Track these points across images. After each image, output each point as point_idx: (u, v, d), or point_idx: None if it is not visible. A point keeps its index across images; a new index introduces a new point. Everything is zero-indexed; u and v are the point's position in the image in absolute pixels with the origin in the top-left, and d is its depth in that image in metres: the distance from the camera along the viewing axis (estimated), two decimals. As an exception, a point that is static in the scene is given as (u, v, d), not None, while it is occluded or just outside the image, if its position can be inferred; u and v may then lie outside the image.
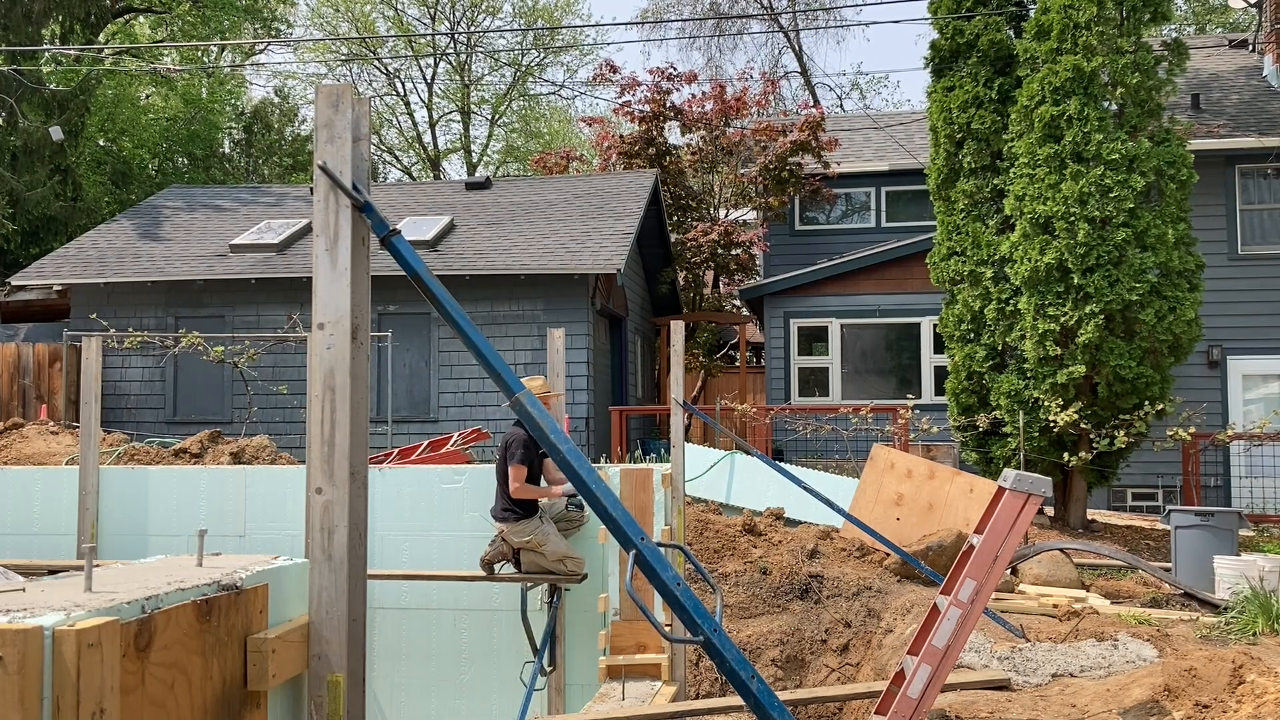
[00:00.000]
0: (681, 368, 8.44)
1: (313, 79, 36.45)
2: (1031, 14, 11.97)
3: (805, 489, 9.36)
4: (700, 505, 10.86)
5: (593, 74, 22.33)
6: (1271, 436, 12.40)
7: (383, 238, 2.88)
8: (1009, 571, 8.60)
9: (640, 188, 18.08)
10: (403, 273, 3.08)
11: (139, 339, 14.53)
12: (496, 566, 7.11)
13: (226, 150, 33.66)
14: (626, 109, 20.94)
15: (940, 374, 15.19)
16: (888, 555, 9.24)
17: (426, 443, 11.72)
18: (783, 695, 6.13)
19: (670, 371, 8.58)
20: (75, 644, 2.11)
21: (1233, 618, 6.92)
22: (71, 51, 24.22)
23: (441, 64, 37.61)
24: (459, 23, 36.90)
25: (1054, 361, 10.98)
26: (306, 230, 16.71)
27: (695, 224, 19.73)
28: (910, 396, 15.11)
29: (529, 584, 7.07)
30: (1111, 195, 10.73)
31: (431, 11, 36.63)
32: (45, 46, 23.76)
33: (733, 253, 19.56)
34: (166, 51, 31.88)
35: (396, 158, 40.05)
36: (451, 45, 36.95)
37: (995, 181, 11.89)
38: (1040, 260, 10.86)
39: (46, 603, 2.28)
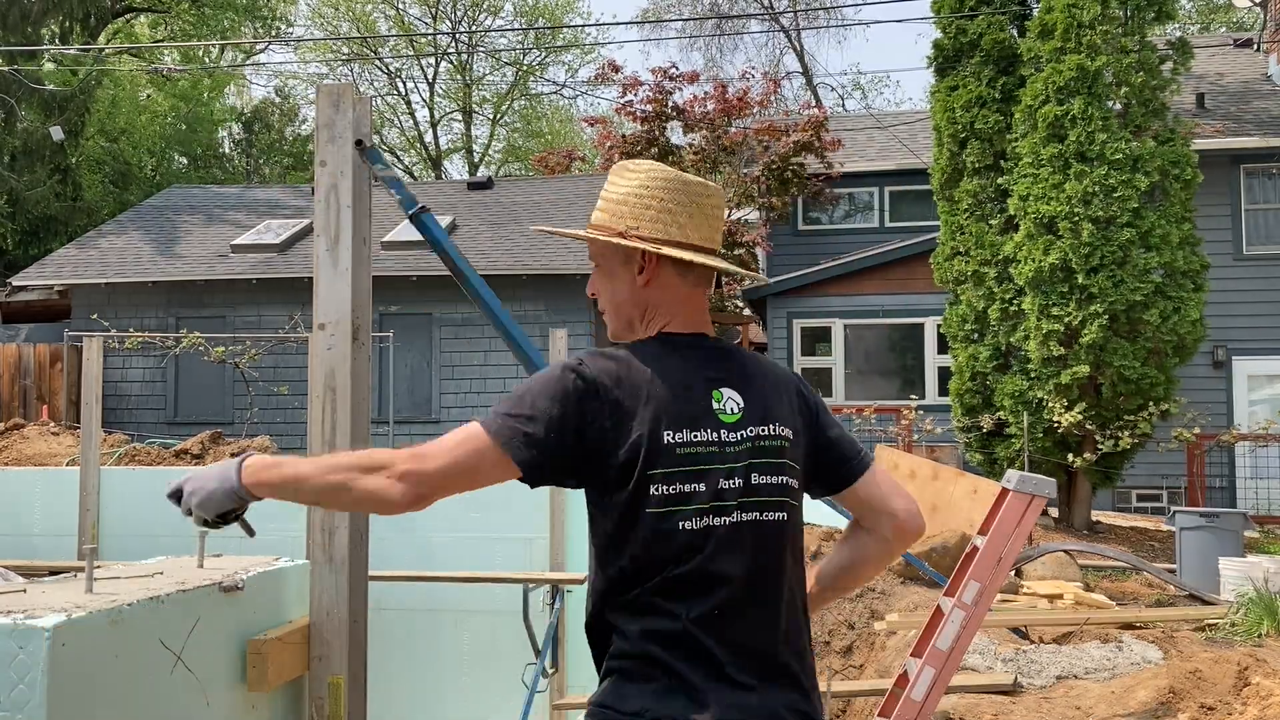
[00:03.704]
0: (684, 368, 8.42)
1: (313, 79, 36.43)
2: (1035, 13, 11.94)
3: (808, 490, 9.33)
4: (703, 506, 10.83)
5: (594, 74, 22.33)
6: (1277, 437, 12.37)
7: (412, 214, 2.86)
8: (1013, 573, 8.57)
9: (642, 188, 18.05)
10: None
11: (140, 339, 14.52)
12: None
13: (227, 150, 33.66)
14: (628, 109, 20.92)
15: (944, 374, 15.16)
16: (891, 556, 9.21)
17: (428, 443, 11.69)
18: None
19: (673, 372, 8.56)
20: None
21: (1238, 620, 6.90)
22: (71, 51, 24.22)
23: (443, 63, 37.63)
24: (460, 22, 36.90)
25: (1058, 362, 10.96)
26: (307, 230, 16.70)
27: (697, 224, 19.69)
28: (914, 397, 15.08)
29: (531, 585, 7.05)
30: (1115, 195, 10.69)
31: (433, 11, 36.62)
32: (45, 46, 23.76)
33: (735, 252, 19.53)
34: (166, 51, 31.87)
35: (398, 158, 40.04)
36: (453, 45, 36.96)
37: (999, 181, 11.86)
38: (1044, 260, 10.83)
39: (48, 604, 2.26)
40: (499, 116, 39.30)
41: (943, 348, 15.21)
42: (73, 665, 2.11)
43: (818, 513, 10.17)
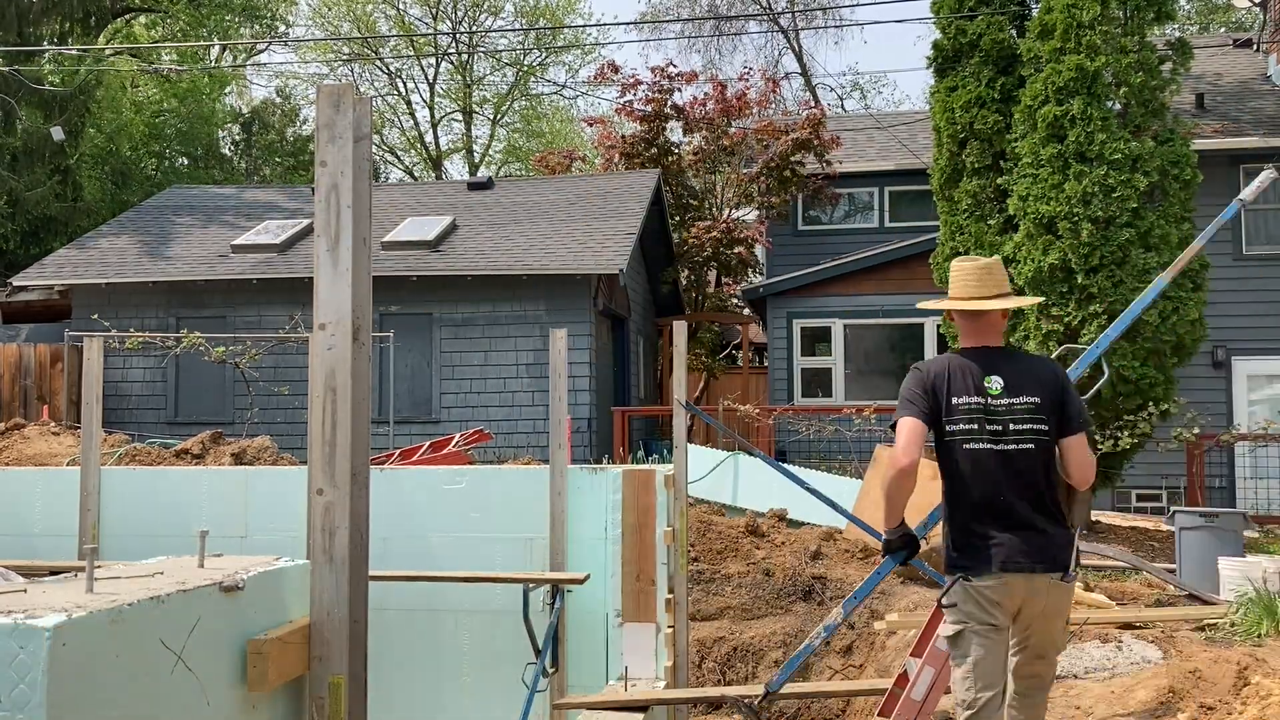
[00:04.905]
0: (684, 368, 8.41)
1: (314, 79, 36.45)
2: (1034, 13, 11.94)
3: (808, 490, 9.32)
4: (703, 506, 10.84)
5: (594, 74, 22.35)
6: (1276, 437, 12.37)
7: None
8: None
9: (642, 188, 18.07)
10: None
11: (140, 339, 14.52)
12: None
13: (227, 152, 33.65)
14: (628, 109, 20.93)
15: (943, 374, 15.14)
16: (891, 556, 9.21)
17: (428, 444, 11.70)
18: (787, 688, 6.10)
19: (673, 372, 8.55)
20: (75, 647, 2.09)
21: (1237, 620, 6.90)
22: (72, 51, 24.22)
23: (443, 64, 37.63)
24: (460, 22, 36.91)
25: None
26: (308, 231, 16.70)
27: (697, 223, 19.72)
28: (913, 397, 15.06)
29: (531, 585, 7.05)
30: (1115, 195, 10.70)
31: (433, 11, 36.63)
32: (45, 47, 23.76)
33: (735, 250, 19.54)
34: (166, 51, 31.87)
35: (398, 158, 40.06)
36: (453, 45, 36.96)
37: (998, 181, 11.86)
38: (1044, 260, 10.84)
39: (48, 604, 2.26)
40: (499, 117, 39.32)
41: (942, 348, 15.22)
42: (73, 665, 2.11)
43: (819, 514, 10.17)
